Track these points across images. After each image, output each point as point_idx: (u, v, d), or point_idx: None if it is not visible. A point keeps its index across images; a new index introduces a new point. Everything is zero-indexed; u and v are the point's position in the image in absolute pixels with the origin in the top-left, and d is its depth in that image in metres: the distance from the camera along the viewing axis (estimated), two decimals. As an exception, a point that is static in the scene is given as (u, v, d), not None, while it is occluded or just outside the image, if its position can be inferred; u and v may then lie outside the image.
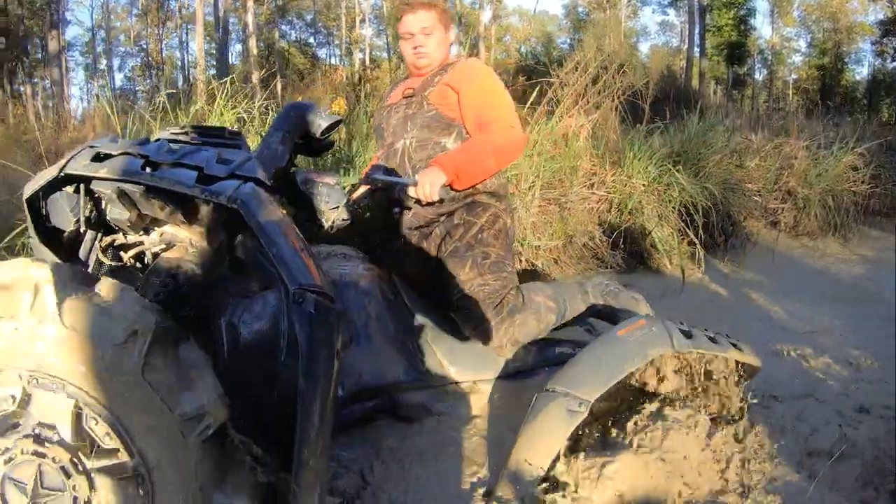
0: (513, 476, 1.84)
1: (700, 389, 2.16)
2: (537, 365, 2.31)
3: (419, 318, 2.29)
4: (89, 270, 1.77)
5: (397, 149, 2.35)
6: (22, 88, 23.49)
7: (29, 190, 1.70)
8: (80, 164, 1.61)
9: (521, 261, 4.00)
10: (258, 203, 1.52)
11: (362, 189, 2.40)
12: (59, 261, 1.75)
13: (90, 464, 1.34)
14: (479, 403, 2.24)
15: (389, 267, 2.32)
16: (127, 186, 1.60)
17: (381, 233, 2.43)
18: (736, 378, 2.16)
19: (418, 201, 2.17)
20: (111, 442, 1.35)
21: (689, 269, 4.17)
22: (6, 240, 2.92)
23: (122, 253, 1.83)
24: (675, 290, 3.99)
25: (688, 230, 4.27)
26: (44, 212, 1.77)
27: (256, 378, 1.60)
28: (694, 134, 4.99)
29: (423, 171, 2.12)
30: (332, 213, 2.12)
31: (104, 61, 37.46)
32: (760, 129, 10.24)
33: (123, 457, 1.35)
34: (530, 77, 10.71)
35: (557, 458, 1.88)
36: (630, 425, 2.01)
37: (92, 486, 1.35)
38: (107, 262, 1.79)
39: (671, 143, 4.85)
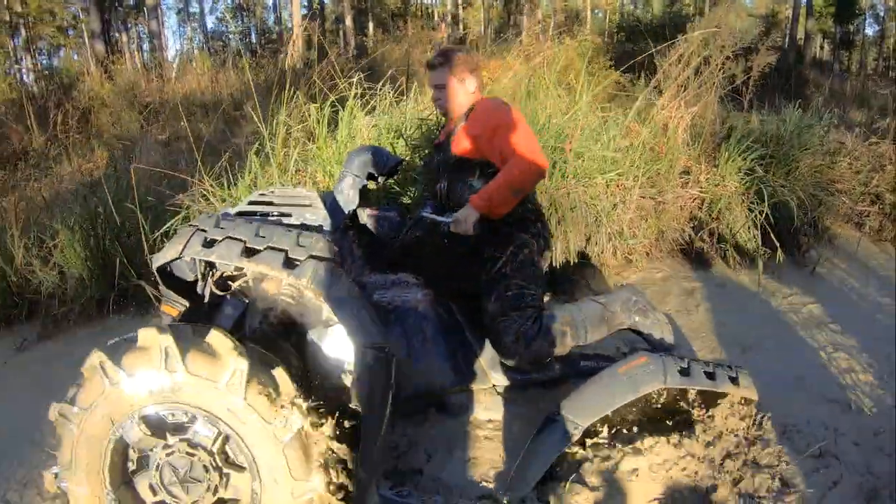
0: (517, 479, 2.35)
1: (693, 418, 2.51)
2: (565, 375, 2.75)
3: (468, 334, 2.74)
4: (206, 301, 2.44)
5: (437, 190, 2.85)
6: (117, 35, 24.53)
7: (157, 262, 2.30)
8: (194, 250, 2.19)
9: (615, 254, 4.35)
10: (329, 283, 2.11)
11: (415, 224, 2.81)
12: (184, 304, 2.47)
13: (221, 464, 2.08)
14: (512, 406, 2.74)
15: (443, 285, 2.78)
16: None
17: (434, 257, 2.83)
18: (732, 408, 2.51)
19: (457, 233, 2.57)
20: (235, 448, 2.07)
21: (766, 273, 4.31)
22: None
23: (229, 283, 2.43)
24: (749, 294, 4.19)
25: (771, 233, 4.39)
26: (168, 269, 2.40)
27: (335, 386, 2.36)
28: (789, 135, 5.06)
29: (460, 211, 2.55)
30: (394, 242, 2.72)
31: (195, 4, 38.32)
32: (862, 105, 9.95)
33: (242, 459, 2.06)
34: (630, 37, 10.65)
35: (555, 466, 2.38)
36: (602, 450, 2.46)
37: (222, 479, 2.10)
38: (218, 292, 2.41)
39: (766, 143, 4.95)
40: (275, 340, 2.42)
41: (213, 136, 7.24)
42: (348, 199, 2.74)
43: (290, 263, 2.12)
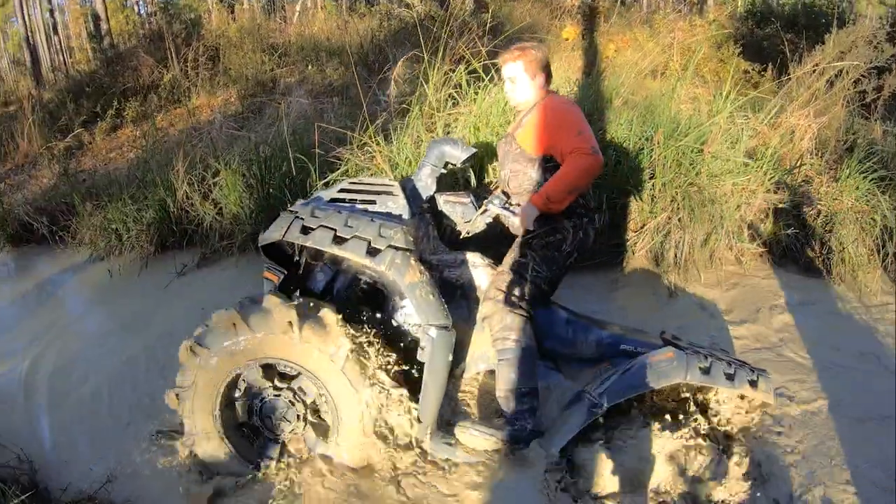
0: (545, 443, 2.64)
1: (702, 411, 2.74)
2: (603, 355, 2.95)
3: None
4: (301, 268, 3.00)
5: (502, 176, 3.12)
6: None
7: (262, 242, 2.80)
8: (293, 235, 2.67)
9: (731, 250, 4.45)
10: (404, 270, 2.56)
11: (483, 213, 3.02)
12: (283, 271, 2.94)
13: (310, 416, 2.72)
14: (553, 376, 2.97)
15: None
16: None
17: (499, 240, 3.05)
18: (742, 408, 2.74)
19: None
20: (313, 386, 2.66)
21: (871, 293, 4.25)
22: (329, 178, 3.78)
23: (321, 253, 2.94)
24: (853, 309, 4.13)
25: (877, 254, 4.36)
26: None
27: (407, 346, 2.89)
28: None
29: (521, 208, 2.80)
30: (466, 225, 3.03)
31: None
32: None
33: (329, 418, 2.68)
34: (760, 24, 10.22)
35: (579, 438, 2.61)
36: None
37: (305, 427, 2.73)
38: (311, 262, 2.97)
39: (887, 165, 4.79)
40: (356, 303, 2.92)
41: (347, 84, 7.50)
42: (426, 186, 3.05)
43: (372, 251, 2.57)
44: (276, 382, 2.69)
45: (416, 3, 11.70)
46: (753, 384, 2.59)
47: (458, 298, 2.94)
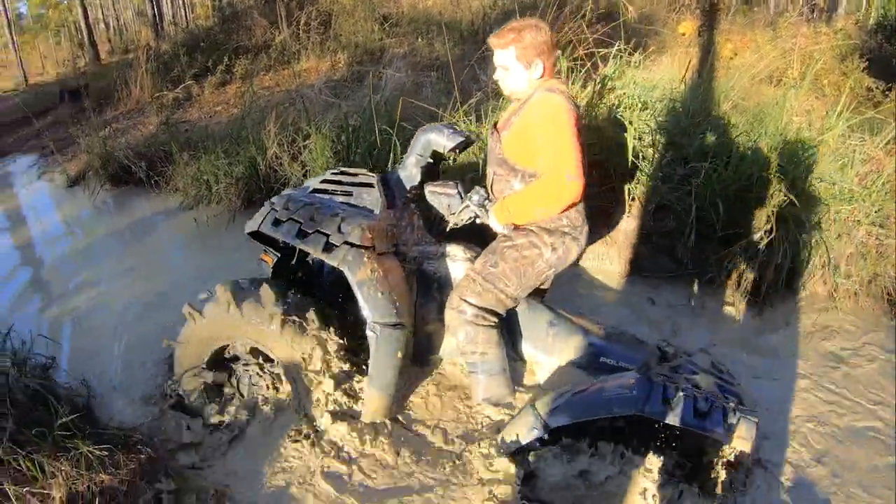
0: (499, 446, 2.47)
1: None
2: (581, 366, 2.72)
3: None
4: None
5: (487, 174, 2.86)
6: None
7: (246, 230, 2.85)
8: (266, 226, 2.74)
9: (824, 284, 4.00)
10: (354, 268, 2.59)
11: (464, 209, 2.81)
12: (276, 254, 3.07)
13: (272, 370, 2.93)
14: (530, 377, 2.86)
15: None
16: None
17: (480, 234, 2.89)
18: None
19: None
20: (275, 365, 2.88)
21: None
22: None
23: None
24: None
25: None
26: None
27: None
28: None
29: (490, 219, 2.65)
30: (452, 217, 2.86)
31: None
32: None
33: (280, 369, 2.85)
34: (891, 39, 9.47)
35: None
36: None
37: (274, 381, 2.93)
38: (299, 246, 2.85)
39: None
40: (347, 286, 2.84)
41: (452, 59, 7.44)
42: (411, 176, 2.98)
43: (328, 247, 2.62)
44: (261, 361, 2.95)
45: None
46: (729, 428, 2.15)
47: (433, 291, 2.89)
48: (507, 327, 2.83)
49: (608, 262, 3.96)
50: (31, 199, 7.44)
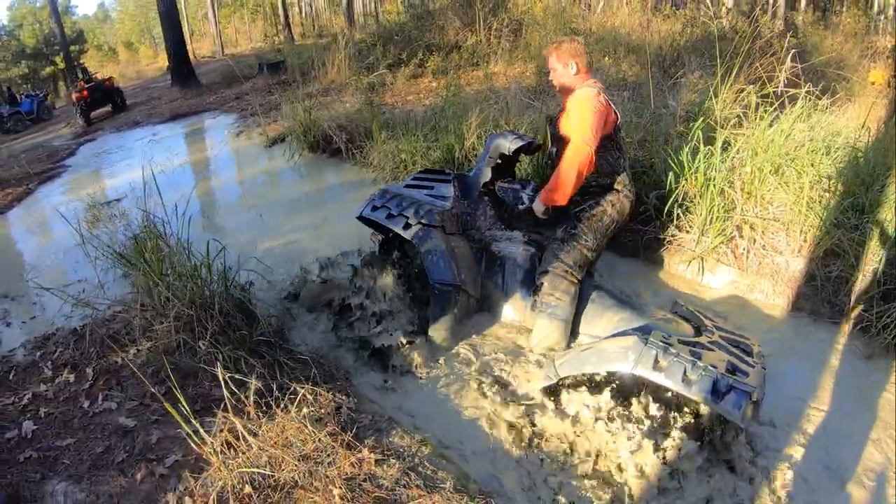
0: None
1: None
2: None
3: None
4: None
5: (552, 153, 3.53)
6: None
7: (356, 215, 3.68)
8: (367, 211, 3.56)
9: None
10: (424, 240, 3.32)
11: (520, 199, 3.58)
12: (381, 235, 3.90)
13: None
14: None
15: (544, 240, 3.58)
16: None
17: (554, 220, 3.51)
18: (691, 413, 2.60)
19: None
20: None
21: None
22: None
23: None
24: None
25: None
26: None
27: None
28: None
29: (535, 203, 3.35)
30: (518, 208, 3.59)
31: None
32: None
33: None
34: None
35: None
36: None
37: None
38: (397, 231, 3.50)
39: None
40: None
41: (640, 82, 7.49)
42: (483, 174, 3.67)
43: (407, 226, 3.36)
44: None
45: (724, 14, 11.31)
46: (717, 396, 2.33)
47: (496, 267, 3.52)
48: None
49: (773, 298, 3.93)
50: (236, 152, 8.17)
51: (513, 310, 3.49)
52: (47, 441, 2.82)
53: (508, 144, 3.59)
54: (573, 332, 3.27)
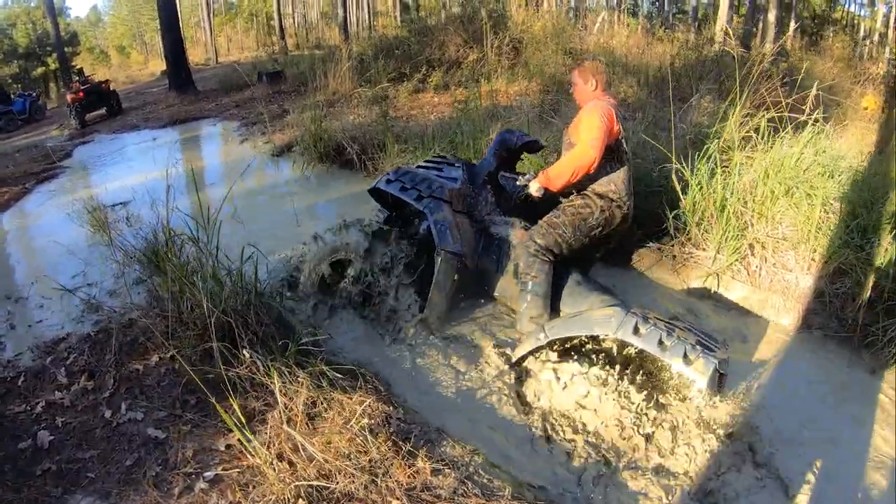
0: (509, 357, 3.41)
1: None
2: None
3: None
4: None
5: (561, 154, 3.71)
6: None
7: (370, 186, 4.14)
8: (382, 184, 3.96)
9: None
10: (433, 209, 3.66)
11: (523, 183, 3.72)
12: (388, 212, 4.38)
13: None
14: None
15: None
16: None
17: (536, 207, 3.80)
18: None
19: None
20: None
21: None
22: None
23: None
24: None
25: None
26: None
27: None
28: None
29: (534, 181, 3.52)
30: (516, 195, 3.99)
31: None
32: None
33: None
34: None
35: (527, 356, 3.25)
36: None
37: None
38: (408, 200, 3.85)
39: None
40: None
41: (644, 104, 7.54)
42: (489, 164, 4.01)
43: (419, 199, 3.70)
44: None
45: (719, 39, 11.44)
46: (687, 361, 2.66)
47: (493, 248, 3.82)
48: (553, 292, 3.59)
49: (783, 314, 4.05)
50: (242, 160, 8.10)
51: (506, 286, 3.79)
52: (67, 453, 2.73)
53: (514, 140, 4.05)
54: (558, 310, 3.58)
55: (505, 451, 2.82)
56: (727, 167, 4.53)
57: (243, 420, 2.32)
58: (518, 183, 3.72)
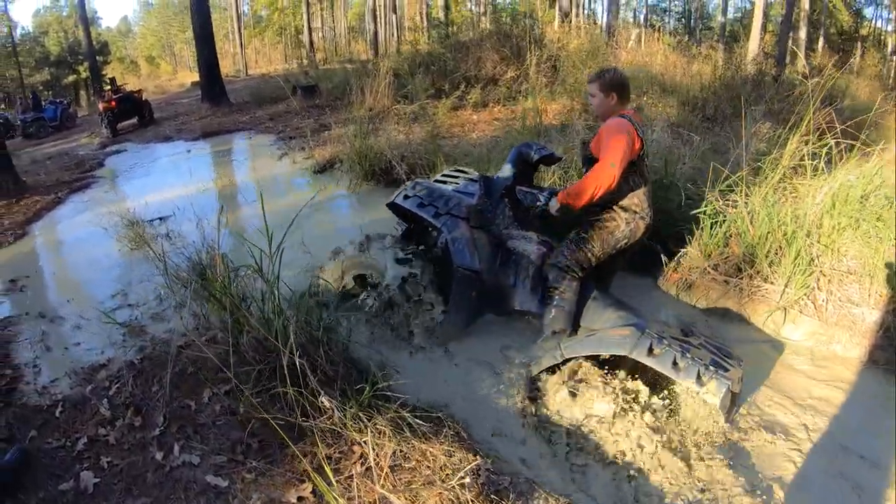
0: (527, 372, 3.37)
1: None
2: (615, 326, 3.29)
3: None
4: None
5: (584, 172, 3.58)
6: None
7: (388, 202, 4.13)
8: (399, 199, 3.96)
9: None
10: (452, 228, 3.69)
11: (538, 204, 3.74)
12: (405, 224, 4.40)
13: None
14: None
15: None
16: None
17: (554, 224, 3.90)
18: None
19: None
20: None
21: None
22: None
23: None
24: None
25: None
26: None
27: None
28: None
29: (552, 201, 3.56)
30: (535, 209, 3.86)
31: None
32: None
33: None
34: None
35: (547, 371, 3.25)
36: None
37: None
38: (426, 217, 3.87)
39: None
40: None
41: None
42: (506, 178, 3.95)
43: (436, 216, 3.74)
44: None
45: (749, 60, 11.26)
46: (700, 382, 2.69)
47: (510, 263, 3.78)
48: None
49: (850, 348, 3.87)
50: (283, 176, 7.90)
51: (523, 300, 3.75)
52: (115, 499, 2.46)
53: (532, 153, 4.03)
54: (576, 327, 3.57)
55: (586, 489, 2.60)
56: (795, 196, 4.35)
57: (328, 471, 2.05)
58: (539, 204, 3.70)
